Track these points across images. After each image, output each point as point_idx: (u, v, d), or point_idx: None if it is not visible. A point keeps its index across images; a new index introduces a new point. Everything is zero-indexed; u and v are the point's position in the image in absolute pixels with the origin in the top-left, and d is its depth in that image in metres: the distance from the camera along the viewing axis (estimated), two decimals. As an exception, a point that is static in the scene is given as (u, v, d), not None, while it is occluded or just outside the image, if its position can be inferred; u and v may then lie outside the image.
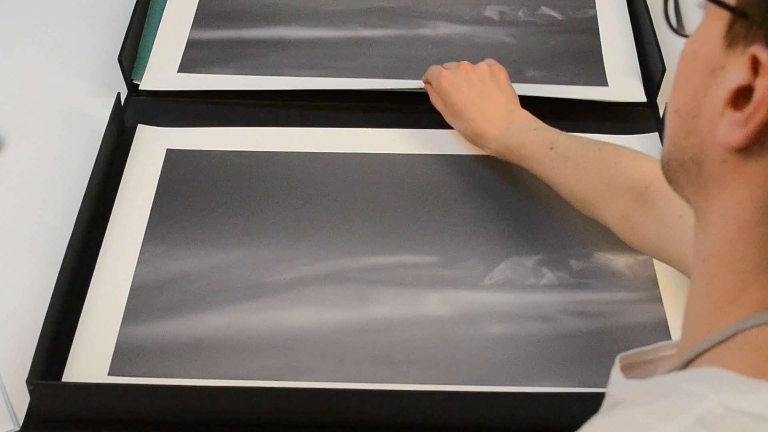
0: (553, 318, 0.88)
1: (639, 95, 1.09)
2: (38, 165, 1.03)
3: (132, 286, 0.90)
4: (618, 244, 0.93)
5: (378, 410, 0.80)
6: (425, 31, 1.18)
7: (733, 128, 0.46)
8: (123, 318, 0.87)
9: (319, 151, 1.04)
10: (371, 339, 0.87)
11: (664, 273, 0.91)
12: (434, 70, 1.03)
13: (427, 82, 1.05)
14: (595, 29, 1.18)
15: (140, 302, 0.89)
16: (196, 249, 0.94)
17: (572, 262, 0.93)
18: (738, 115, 0.46)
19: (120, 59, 1.08)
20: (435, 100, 1.04)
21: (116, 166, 1.01)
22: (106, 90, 1.10)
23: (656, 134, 1.05)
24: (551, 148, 0.91)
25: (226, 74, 1.12)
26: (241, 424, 0.81)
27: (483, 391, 0.81)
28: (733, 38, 0.47)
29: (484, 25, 1.19)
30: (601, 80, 1.12)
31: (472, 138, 0.99)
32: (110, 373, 0.83)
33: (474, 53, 1.12)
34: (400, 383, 0.83)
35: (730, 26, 0.47)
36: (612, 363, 0.80)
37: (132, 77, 1.11)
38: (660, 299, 0.90)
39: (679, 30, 0.55)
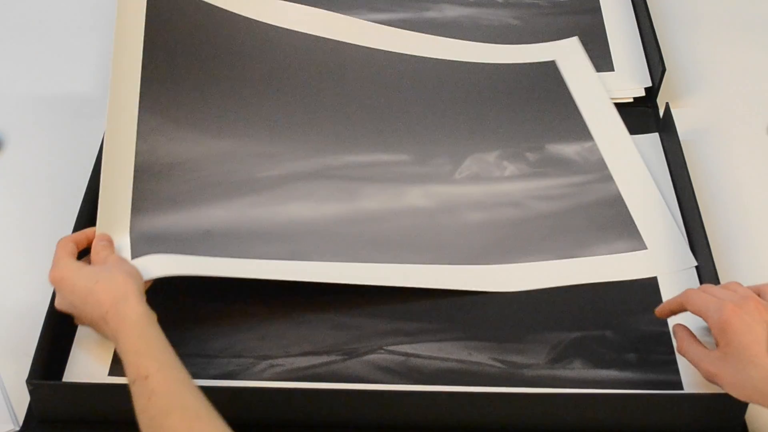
0: (522, 203, 0.97)
1: (645, 79, 1.11)
2: (38, 165, 1.03)
3: (135, 167, 0.92)
4: (564, 135, 1.04)
5: (380, 412, 0.80)
6: (432, 14, 1.21)
7: None
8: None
9: (312, 34, 1.08)
10: (364, 228, 0.93)
11: (609, 155, 1.02)
12: (699, 297, 0.80)
13: (672, 310, 0.83)
14: (597, 9, 1.22)
15: (144, 189, 0.91)
16: (188, 130, 0.97)
17: (528, 155, 1.02)
18: None
19: (120, 59, 1.08)
20: (685, 342, 0.80)
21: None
22: (107, 90, 1.10)
23: (656, 134, 1.05)
24: None
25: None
26: (239, 424, 0.81)
27: (485, 392, 0.81)
28: None
29: (489, 7, 1.22)
30: (607, 64, 1.14)
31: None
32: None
33: (481, 36, 1.18)
34: (395, 263, 0.90)
35: None
36: (580, 235, 0.88)
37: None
38: (611, 177, 0.99)
39: None
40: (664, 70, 1.07)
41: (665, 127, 1.04)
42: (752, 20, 1.23)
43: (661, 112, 1.06)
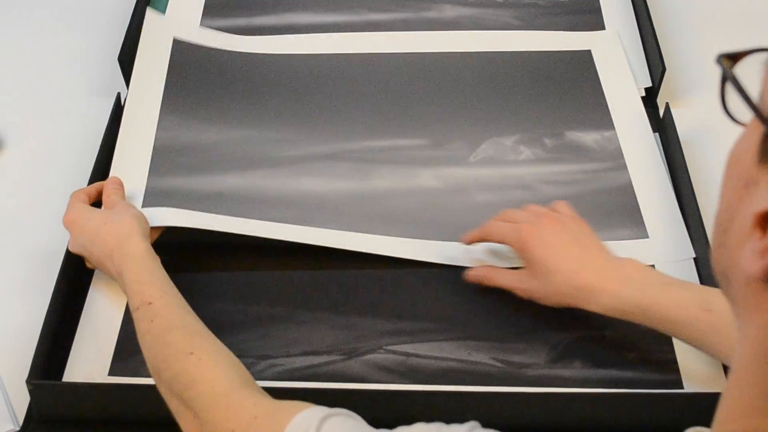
0: (532, 186, 0.98)
1: (645, 79, 1.12)
2: (38, 165, 1.03)
3: (153, 148, 0.99)
4: (586, 123, 1.04)
5: (380, 411, 0.80)
6: (432, 14, 1.21)
7: (755, 257, 0.41)
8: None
9: (321, 53, 1.13)
10: (374, 204, 0.96)
11: (628, 145, 1.02)
12: (498, 227, 0.87)
13: (475, 239, 0.90)
14: (598, 9, 1.21)
15: (162, 160, 0.98)
16: (211, 125, 1.03)
17: (546, 140, 1.03)
18: (761, 244, 0.41)
19: (120, 59, 1.08)
20: (495, 274, 0.87)
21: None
22: (106, 90, 1.10)
23: (656, 134, 1.05)
24: (707, 311, 0.75)
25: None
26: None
27: (485, 392, 0.81)
28: (765, 153, 0.41)
29: (490, 7, 1.22)
30: None
31: (572, 293, 0.81)
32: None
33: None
34: (400, 237, 0.92)
35: (764, 140, 0.41)
36: (586, 221, 0.87)
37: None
38: (625, 166, 1.00)
39: (737, 118, 0.46)
40: (664, 70, 1.07)
41: (665, 127, 1.04)
42: (752, 20, 1.23)
43: (661, 112, 1.06)
